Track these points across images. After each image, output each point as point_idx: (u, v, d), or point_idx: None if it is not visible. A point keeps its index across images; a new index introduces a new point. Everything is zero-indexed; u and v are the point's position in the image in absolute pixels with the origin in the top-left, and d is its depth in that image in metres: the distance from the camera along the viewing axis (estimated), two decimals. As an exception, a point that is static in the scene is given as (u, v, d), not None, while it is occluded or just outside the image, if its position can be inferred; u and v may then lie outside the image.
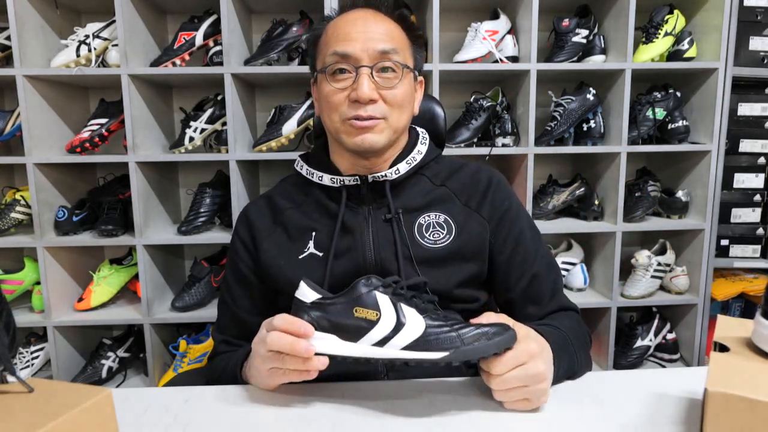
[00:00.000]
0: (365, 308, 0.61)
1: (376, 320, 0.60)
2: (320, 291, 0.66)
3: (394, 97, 0.79)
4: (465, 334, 0.59)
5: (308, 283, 0.65)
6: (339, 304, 0.62)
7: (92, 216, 1.76)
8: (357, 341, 0.61)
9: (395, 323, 0.60)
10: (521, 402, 0.62)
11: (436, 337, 0.59)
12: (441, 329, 0.59)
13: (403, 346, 0.60)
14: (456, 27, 1.87)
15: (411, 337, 0.59)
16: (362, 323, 0.61)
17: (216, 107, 1.71)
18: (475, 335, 0.59)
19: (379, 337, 0.60)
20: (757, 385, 0.47)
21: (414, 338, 0.59)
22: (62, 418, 0.39)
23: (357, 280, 0.63)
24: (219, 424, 0.62)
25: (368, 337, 0.61)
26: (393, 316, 0.60)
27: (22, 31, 1.55)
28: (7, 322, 0.44)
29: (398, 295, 0.62)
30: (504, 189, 0.89)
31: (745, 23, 1.71)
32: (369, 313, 0.61)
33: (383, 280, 0.63)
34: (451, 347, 0.58)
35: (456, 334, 0.59)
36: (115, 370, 1.77)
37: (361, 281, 0.63)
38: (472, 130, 1.72)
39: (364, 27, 0.79)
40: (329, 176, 0.85)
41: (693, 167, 1.83)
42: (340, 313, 0.62)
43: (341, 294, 0.63)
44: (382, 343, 0.60)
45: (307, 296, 0.64)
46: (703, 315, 1.82)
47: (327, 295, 0.65)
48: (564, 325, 0.79)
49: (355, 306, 0.61)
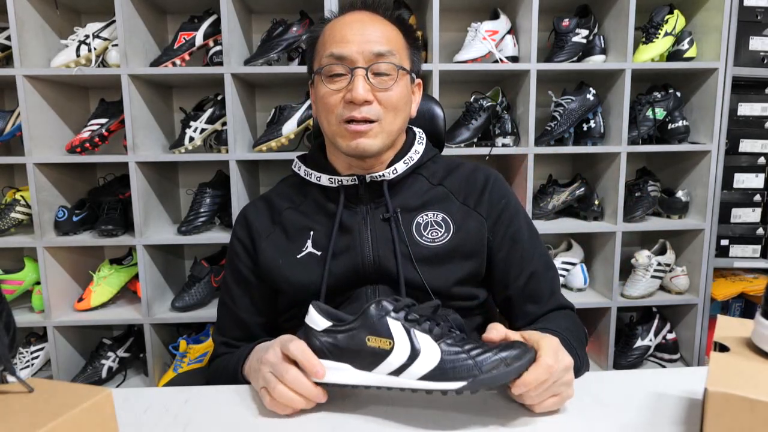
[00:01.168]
0: (378, 336, 0.59)
1: (390, 349, 0.59)
2: (330, 313, 0.65)
3: (389, 98, 0.80)
4: (482, 361, 0.57)
5: (317, 308, 0.64)
6: (351, 332, 0.61)
7: (92, 216, 1.76)
8: (371, 370, 0.60)
9: (410, 352, 0.58)
10: (550, 401, 0.61)
11: (453, 366, 0.57)
12: (457, 356, 0.57)
13: (420, 376, 0.58)
14: (456, 27, 1.87)
15: (427, 366, 0.57)
16: (376, 352, 0.59)
17: (216, 107, 1.71)
18: (493, 363, 0.57)
19: (394, 366, 0.59)
20: (757, 385, 0.47)
21: (431, 368, 0.57)
22: (62, 418, 0.39)
23: (368, 304, 0.61)
24: (219, 424, 0.62)
25: (383, 367, 0.59)
26: (407, 345, 0.58)
27: (22, 31, 1.55)
28: (7, 322, 0.44)
29: (411, 321, 0.60)
30: (501, 187, 0.90)
31: (745, 23, 1.71)
32: (382, 341, 0.59)
33: (394, 303, 0.61)
34: (468, 376, 0.56)
35: (473, 362, 0.57)
36: (115, 370, 1.77)
37: (371, 306, 0.61)
38: (472, 130, 1.72)
39: (360, 29, 0.79)
40: (327, 176, 0.86)
41: (693, 167, 1.83)
42: (352, 341, 0.60)
43: (352, 320, 0.61)
44: (398, 372, 0.59)
45: (318, 323, 0.62)
46: (703, 315, 1.82)
47: (338, 315, 0.64)
48: (561, 326, 0.80)
49: (367, 334, 0.59)
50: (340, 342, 0.61)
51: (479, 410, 0.63)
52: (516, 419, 0.61)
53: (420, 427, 0.60)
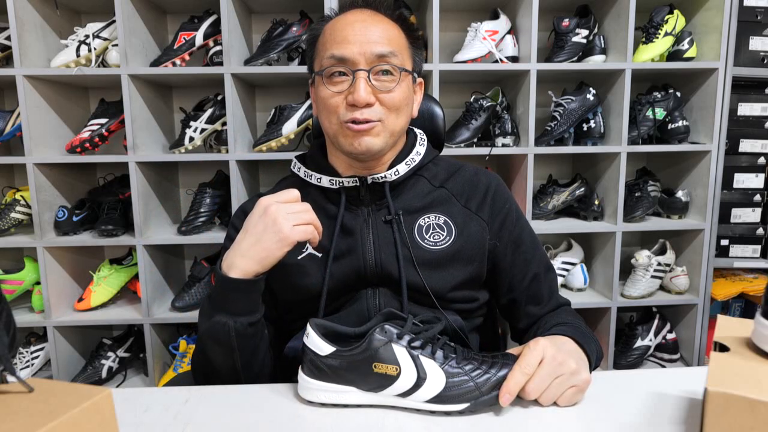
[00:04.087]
0: (384, 363, 0.61)
1: (396, 375, 0.61)
2: (329, 330, 0.66)
3: (391, 100, 0.79)
4: (482, 384, 0.61)
5: (316, 328, 0.65)
6: (356, 357, 0.62)
7: (92, 216, 1.76)
8: (378, 392, 0.62)
9: (416, 379, 0.61)
10: (567, 395, 0.63)
11: (457, 389, 0.61)
12: (460, 379, 0.61)
13: (426, 400, 0.61)
14: (456, 27, 1.87)
15: (433, 391, 0.61)
16: (383, 377, 0.61)
17: (216, 107, 1.71)
18: (492, 384, 0.61)
19: (400, 390, 0.61)
20: (757, 385, 0.47)
21: (436, 393, 0.61)
22: (62, 418, 0.39)
23: (372, 330, 0.62)
24: (219, 424, 0.62)
25: (389, 390, 0.62)
26: (413, 372, 0.61)
27: (22, 31, 1.55)
28: (7, 322, 0.44)
29: (415, 348, 0.62)
30: (503, 192, 0.90)
31: (745, 23, 1.71)
32: (389, 368, 0.61)
33: (399, 329, 0.63)
34: (470, 398, 0.61)
35: (474, 384, 0.61)
36: (115, 370, 1.77)
37: (375, 332, 0.62)
38: (472, 130, 1.72)
39: (361, 29, 0.78)
40: (328, 178, 0.85)
41: (693, 167, 1.83)
42: (358, 369, 0.62)
43: (357, 346, 0.62)
44: (405, 395, 0.62)
45: (321, 348, 0.63)
46: (703, 315, 1.82)
47: (337, 331, 0.66)
48: (567, 320, 0.82)
49: (374, 361, 0.61)
50: (346, 368, 0.63)
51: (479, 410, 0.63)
52: (515, 419, 0.61)
53: (419, 426, 0.60)
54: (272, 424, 0.62)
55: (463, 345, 0.69)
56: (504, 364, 0.62)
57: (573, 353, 0.67)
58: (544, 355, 0.62)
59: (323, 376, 0.63)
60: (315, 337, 0.64)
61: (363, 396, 0.63)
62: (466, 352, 0.64)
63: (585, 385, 0.64)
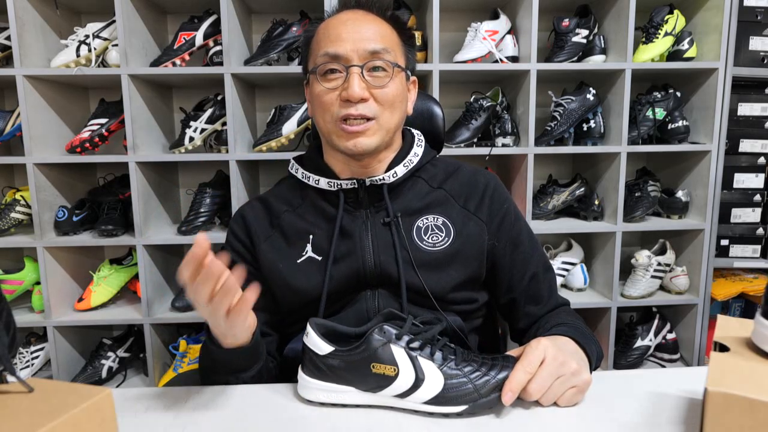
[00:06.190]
0: (382, 364, 0.61)
1: (394, 376, 0.61)
2: (329, 330, 0.66)
3: (385, 95, 0.79)
4: (481, 386, 0.61)
5: (315, 328, 0.65)
6: (354, 358, 0.62)
7: (92, 216, 1.76)
8: (376, 393, 0.63)
9: (414, 380, 0.61)
10: (568, 395, 0.63)
11: (456, 391, 0.61)
12: (459, 381, 0.61)
13: (424, 401, 0.61)
14: (456, 27, 1.87)
15: (431, 393, 0.61)
16: (381, 378, 0.62)
17: (216, 107, 1.70)
18: (491, 386, 0.61)
19: (398, 391, 0.62)
20: (757, 385, 0.47)
21: (434, 394, 0.61)
22: (62, 418, 0.39)
23: (371, 330, 0.62)
24: (219, 424, 0.62)
25: (388, 391, 0.62)
26: (411, 373, 0.61)
27: (22, 31, 1.55)
28: (7, 322, 0.44)
29: (414, 349, 0.62)
30: (502, 192, 0.90)
31: (745, 23, 1.71)
32: (387, 368, 0.61)
33: (397, 329, 0.63)
34: (469, 401, 0.60)
35: (472, 386, 0.61)
36: (115, 370, 1.77)
37: (374, 332, 0.62)
38: (472, 130, 1.72)
39: (354, 27, 0.79)
40: (326, 180, 0.85)
41: (693, 167, 1.83)
42: (357, 369, 0.62)
43: (356, 346, 0.62)
44: (403, 396, 0.62)
45: (320, 348, 0.64)
46: (703, 315, 1.82)
47: (337, 330, 0.66)
48: (568, 320, 0.82)
49: (372, 362, 0.61)
50: (345, 368, 0.63)
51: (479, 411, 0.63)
52: (515, 419, 0.61)
53: (419, 426, 0.60)
54: (272, 423, 0.62)
55: (463, 346, 0.69)
56: (504, 366, 0.62)
57: (574, 354, 0.67)
58: (545, 356, 0.62)
59: (323, 376, 0.64)
60: (314, 337, 0.64)
61: (362, 396, 0.63)
62: (466, 354, 0.64)
63: (585, 386, 0.64)
